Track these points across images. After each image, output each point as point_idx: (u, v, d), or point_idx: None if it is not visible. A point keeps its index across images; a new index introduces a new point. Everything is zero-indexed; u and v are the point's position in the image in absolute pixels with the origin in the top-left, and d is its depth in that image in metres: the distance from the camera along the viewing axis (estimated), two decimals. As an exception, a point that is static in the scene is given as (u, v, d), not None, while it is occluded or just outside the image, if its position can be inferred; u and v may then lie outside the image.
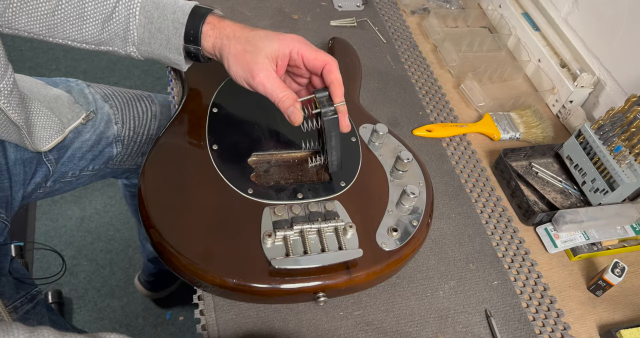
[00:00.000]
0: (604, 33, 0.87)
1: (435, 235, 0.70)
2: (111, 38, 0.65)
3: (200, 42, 0.64)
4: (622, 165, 0.72)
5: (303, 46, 0.62)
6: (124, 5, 0.63)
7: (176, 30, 0.63)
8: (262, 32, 0.63)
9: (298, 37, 0.63)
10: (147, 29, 0.64)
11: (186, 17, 0.63)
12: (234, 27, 0.63)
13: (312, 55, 0.62)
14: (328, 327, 0.59)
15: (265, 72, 0.60)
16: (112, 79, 1.93)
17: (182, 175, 0.61)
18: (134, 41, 0.65)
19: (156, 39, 0.64)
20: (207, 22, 0.63)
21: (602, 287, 0.67)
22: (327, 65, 0.62)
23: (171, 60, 0.66)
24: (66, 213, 1.60)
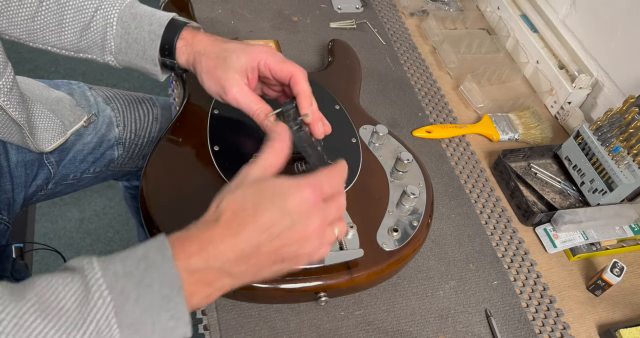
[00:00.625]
0: (602, 35, 0.87)
1: (436, 235, 0.70)
2: (89, 46, 0.66)
3: (174, 57, 0.65)
4: (620, 165, 0.72)
5: (270, 57, 0.61)
6: (101, 15, 0.64)
7: (152, 41, 0.64)
8: (230, 46, 0.62)
9: (266, 49, 0.62)
10: (124, 39, 0.65)
11: (162, 29, 0.63)
12: (204, 43, 0.63)
13: (278, 66, 0.61)
14: (329, 327, 0.59)
15: (237, 87, 0.60)
16: (111, 81, 1.94)
17: (183, 176, 0.62)
18: (111, 50, 0.66)
19: (133, 49, 0.65)
20: (181, 37, 0.64)
21: (601, 286, 0.67)
22: (293, 76, 0.60)
23: (147, 70, 0.67)
24: (65, 215, 1.60)
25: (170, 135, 0.66)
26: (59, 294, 0.37)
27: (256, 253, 0.42)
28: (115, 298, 0.37)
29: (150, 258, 0.39)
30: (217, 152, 0.65)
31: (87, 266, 0.38)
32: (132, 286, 0.38)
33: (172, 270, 0.39)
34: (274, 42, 0.87)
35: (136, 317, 0.38)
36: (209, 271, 0.41)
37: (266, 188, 0.43)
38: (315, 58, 0.91)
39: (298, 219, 0.43)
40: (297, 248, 0.44)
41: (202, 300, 0.42)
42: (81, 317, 0.36)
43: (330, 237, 0.46)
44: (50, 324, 0.35)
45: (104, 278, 0.38)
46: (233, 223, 0.42)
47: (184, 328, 0.39)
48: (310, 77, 0.78)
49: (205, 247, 0.41)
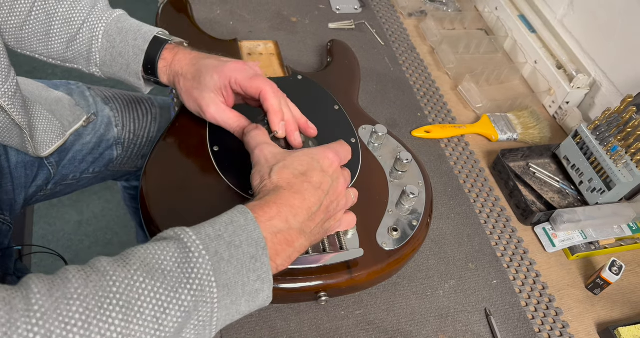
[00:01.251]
0: (600, 35, 0.88)
1: (435, 235, 0.71)
2: (75, 57, 0.67)
3: (157, 75, 0.66)
4: (618, 165, 0.73)
5: (239, 75, 0.61)
6: (88, 28, 0.65)
7: (136, 56, 0.65)
8: (203, 66, 0.63)
9: (238, 66, 0.62)
10: (108, 52, 0.66)
11: (147, 44, 0.64)
12: (182, 63, 0.64)
13: (247, 84, 0.61)
14: (329, 327, 0.59)
15: (213, 106, 0.62)
16: (109, 83, 1.92)
17: (183, 176, 0.62)
18: (96, 62, 0.67)
19: (117, 62, 0.66)
20: (162, 58, 0.65)
21: (600, 285, 0.67)
22: (262, 93, 0.60)
23: (131, 83, 0.68)
24: (64, 217, 1.60)
25: (169, 135, 0.66)
26: (160, 257, 0.39)
27: (319, 210, 0.48)
28: (212, 257, 0.40)
29: (236, 222, 0.43)
30: (216, 152, 0.65)
31: (180, 232, 0.41)
32: (225, 247, 0.41)
33: (257, 231, 0.43)
34: (272, 42, 0.87)
35: (229, 277, 0.41)
36: (290, 231, 0.45)
37: (301, 158, 0.50)
38: (314, 59, 0.92)
39: (334, 177, 0.50)
40: (337, 205, 0.51)
41: (284, 261, 0.46)
42: (184, 276, 0.39)
43: (350, 197, 0.53)
44: (158, 283, 0.38)
45: (199, 240, 0.41)
46: (296, 190, 0.47)
47: (267, 291, 0.43)
48: (310, 77, 0.79)
49: (283, 209, 0.45)
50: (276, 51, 0.85)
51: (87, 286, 0.36)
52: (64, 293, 0.35)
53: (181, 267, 0.39)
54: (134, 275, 0.38)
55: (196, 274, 0.39)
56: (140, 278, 0.38)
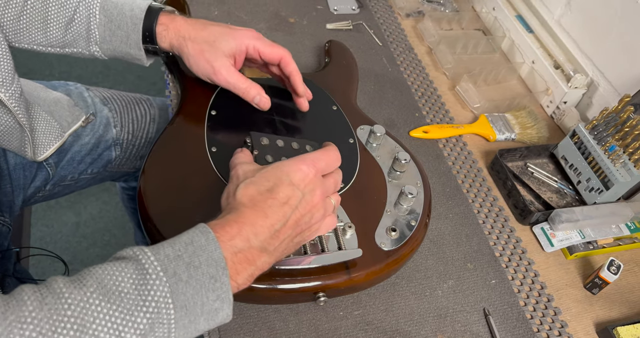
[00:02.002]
0: (597, 34, 0.88)
1: (433, 235, 0.71)
2: (75, 39, 0.68)
3: (156, 42, 0.68)
4: (616, 164, 0.73)
5: (258, 42, 0.67)
6: (84, 7, 0.66)
7: (134, 25, 0.66)
8: (216, 30, 0.67)
9: (252, 33, 0.68)
10: (107, 27, 0.67)
11: (143, 12, 0.66)
12: (187, 27, 0.67)
13: (267, 49, 0.67)
14: (328, 327, 0.59)
15: (225, 68, 0.66)
16: (106, 84, 1.93)
17: (181, 177, 0.62)
18: (96, 40, 0.68)
19: (116, 36, 0.67)
20: (159, 23, 0.67)
21: (598, 285, 0.67)
22: (284, 59, 0.68)
23: (132, 56, 0.69)
24: (61, 218, 1.59)
25: (167, 135, 0.66)
26: (117, 279, 0.39)
27: (284, 227, 0.47)
28: (169, 279, 0.40)
29: (196, 242, 0.43)
30: (214, 152, 0.65)
31: (139, 252, 0.41)
32: (184, 267, 0.41)
33: (218, 251, 0.43)
34: (270, 43, 0.87)
35: (187, 298, 0.41)
36: (251, 249, 0.45)
37: (270, 173, 0.48)
38: (312, 59, 0.92)
39: (305, 190, 0.48)
40: (309, 218, 0.49)
41: (246, 279, 0.45)
42: (141, 298, 0.39)
43: (330, 206, 0.52)
44: (114, 306, 0.38)
45: (157, 262, 0.41)
46: (258, 207, 0.46)
47: (227, 309, 0.43)
48: (308, 78, 0.79)
49: (244, 228, 0.45)
50: (274, 52, 0.85)
51: (41, 309, 0.36)
52: (18, 316, 0.35)
53: (138, 289, 0.39)
54: (89, 298, 0.37)
55: (152, 296, 0.39)
56: (96, 301, 0.37)
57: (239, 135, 0.68)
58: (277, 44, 0.68)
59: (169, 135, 0.66)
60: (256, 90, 0.67)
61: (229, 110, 0.70)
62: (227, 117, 0.70)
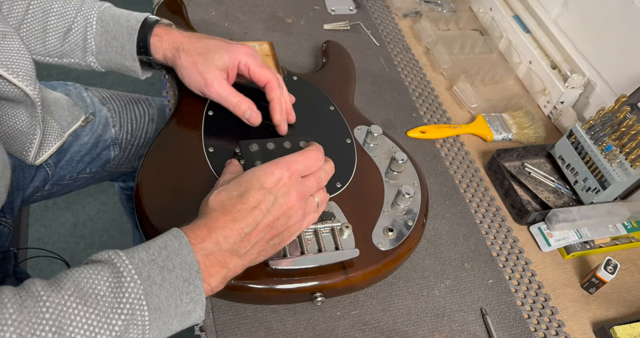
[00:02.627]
0: (594, 34, 0.88)
1: (431, 235, 0.71)
2: (72, 49, 0.69)
3: (150, 53, 0.68)
4: (613, 164, 0.73)
5: (250, 59, 0.66)
6: (82, 16, 0.67)
7: (130, 36, 0.67)
8: (211, 44, 0.67)
9: (247, 49, 0.67)
10: (103, 37, 0.68)
11: (139, 23, 0.67)
12: (182, 39, 0.67)
13: (257, 70, 0.66)
14: (325, 327, 0.59)
15: (217, 81, 0.66)
16: (104, 85, 1.93)
17: (178, 177, 0.62)
18: (92, 50, 0.69)
19: (112, 46, 0.68)
20: (154, 34, 0.67)
21: (595, 284, 0.68)
22: (269, 83, 0.66)
23: (128, 67, 0.70)
24: (59, 219, 1.59)
25: (164, 136, 0.66)
26: (93, 282, 0.40)
27: (255, 230, 0.47)
28: (144, 282, 0.41)
29: (169, 246, 0.44)
30: (211, 153, 0.65)
31: (114, 256, 0.42)
32: (157, 271, 0.42)
33: (191, 255, 0.44)
34: (267, 43, 0.87)
35: (161, 300, 0.42)
36: (221, 252, 0.46)
37: (243, 179, 0.49)
38: (309, 59, 0.92)
39: (278, 194, 0.48)
40: (286, 220, 0.50)
41: (219, 282, 0.46)
42: (116, 301, 0.40)
43: (312, 205, 0.52)
44: (90, 309, 0.39)
45: (132, 265, 0.42)
46: (227, 212, 0.47)
47: (200, 311, 0.44)
48: (305, 78, 0.79)
49: (214, 231, 0.46)
50: (271, 52, 0.85)
51: (21, 312, 0.37)
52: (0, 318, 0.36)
53: (114, 292, 0.40)
54: (67, 301, 0.39)
55: (127, 298, 0.40)
56: (73, 304, 0.39)
57: (235, 136, 0.68)
58: (268, 68, 0.67)
59: (166, 136, 0.66)
60: (247, 104, 0.66)
61: (226, 111, 0.70)
62: (224, 117, 0.70)
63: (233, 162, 0.58)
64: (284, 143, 0.60)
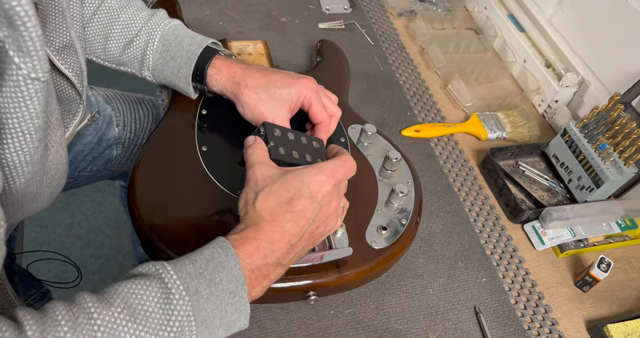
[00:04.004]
0: (588, 33, 0.88)
1: (425, 233, 0.71)
2: (130, 60, 0.69)
3: (205, 82, 0.66)
4: (606, 162, 0.73)
5: (315, 96, 0.64)
6: (145, 32, 0.67)
7: (189, 59, 0.66)
8: (276, 79, 0.64)
9: (313, 85, 0.65)
10: (162, 56, 0.67)
11: (200, 49, 0.65)
12: (244, 75, 0.64)
13: (317, 108, 0.64)
14: (319, 326, 0.59)
15: (279, 120, 0.63)
16: (101, 84, 1.93)
17: (172, 175, 0.62)
18: (149, 66, 0.68)
19: (169, 66, 0.67)
20: (213, 65, 0.65)
21: (588, 282, 0.68)
22: (322, 124, 0.65)
23: (181, 88, 0.69)
24: (55, 219, 1.59)
25: (158, 135, 0.66)
26: (142, 298, 0.40)
27: (300, 240, 0.48)
28: (191, 297, 0.41)
29: (216, 259, 0.44)
30: (205, 152, 0.65)
31: (162, 270, 0.42)
32: (205, 285, 0.42)
33: (237, 267, 0.44)
34: (262, 42, 0.87)
35: (208, 312, 0.42)
36: (267, 266, 0.46)
37: (290, 183, 0.48)
38: (303, 58, 0.92)
39: (322, 202, 0.49)
40: (324, 228, 0.50)
41: (260, 291, 0.47)
42: (165, 318, 0.40)
43: (341, 212, 0.53)
44: (140, 326, 0.39)
45: (180, 280, 0.42)
46: (276, 220, 0.46)
47: (244, 320, 0.45)
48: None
49: (262, 245, 0.45)
50: (266, 51, 0.85)
51: (75, 330, 0.37)
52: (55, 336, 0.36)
53: (163, 309, 0.40)
54: (117, 318, 0.39)
55: (176, 316, 0.40)
56: (123, 322, 0.39)
57: (229, 135, 0.68)
58: (329, 106, 0.66)
59: (160, 135, 0.66)
60: None
61: (220, 110, 0.70)
62: (218, 116, 0.69)
63: (258, 142, 0.55)
64: (301, 138, 0.60)
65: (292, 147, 0.58)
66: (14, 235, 0.73)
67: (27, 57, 0.40)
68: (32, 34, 0.39)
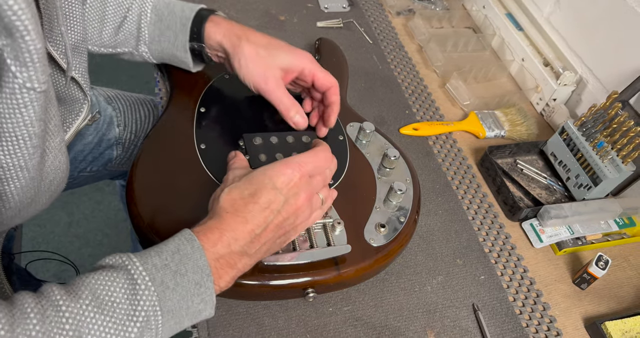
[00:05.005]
0: (586, 32, 0.88)
1: (423, 231, 0.71)
2: (126, 38, 0.69)
3: (203, 40, 0.66)
4: (604, 160, 0.73)
5: (315, 66, 0.66)
6: (137, 6, 0.67)
7: (183, 26, 0.66)
8: (276, 43, 0.66)
9: (309, 56, 0.66)
10: (157, 26, 0.67)
11: (193, 13, 0.66)
12: (243, 29, 0.66)
13: (322, 75, 0.65)
14: (317, 323, 0.59)
15: (275, 79, 0.64)
16: (99, 84, 1.93)
17: (171, 173, 0.62)
18: (145, 40, 0.68)
19: (165, 36, 0.68)
20: (210, 20, 0.66)
21: (586, 280, 0.68)
22: (333, 88, 0.66)
23: (179, 58, 0.69)
24: (53, 218, 1.59)
25: (156, 133, 0.66)
26: (109, 290, 0.41)
27: (265, 231, 0.48)
28: (157, 287, 0.42)
29: (182, 250, 0.44)
30: (203, 149, 0.65)
31: (128, 262, 0.43)
32: (170, 276, 0.43)
33: (203, 259, 0.44)
34: (260, 41, 0.87)
35: (174, 303, 0.43)
36: (232, 254, 0.46)
37: (254, 178, 0.49)
38: (302, 57, 0.91)
39: (288, 194, 0.49)
40: (294, 219, 0.50)
41: (228, 282, 0.47)
42: (132, 309, 0.41)
43: (317, 203, 0.53)
44: (107, 318, 0.40)
45: (146, 272, 0.42)
46: (238, 212, 0.47)
47: (210, 309, 0.45)
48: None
49: (225, 234, 0.46)
50: (264, 49, 0.85)
51: (44, 322, 0.38)
52: (24, 329, 0.37)
53: (129, 299, 0.41)
54: (85, 310, 0.39)
55: (142, 306, 0.41)
56: (90, 314, 0.39)
57: (227, 133, 0.68)
58: (329, 72, 0.66)
59: (158, 133, 0.66)
60: (296, 108, 0.65)
61: (218, 108, 0.70)
62: (216, 114, 0.70)
63: (238, 155, 0.57)
64: (287, 137, 0.61)
65: (275, 151, 0.60)
66: (12, 235, 0.73)
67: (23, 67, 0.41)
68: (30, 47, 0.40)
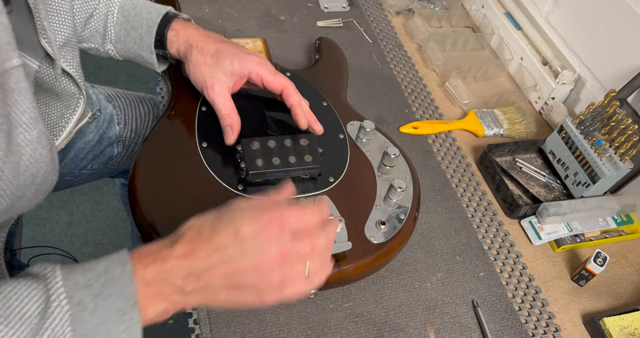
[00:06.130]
0: (584, 31, 0.89)
1: (423, 228, 0.71)
2: (92, 34, 0.69)
3: (166, 47, 0.68)
4: (602, 158, 0.74)
5: (262, 69, 0.66)
6: (105, 4, 0.68)
7: (149, 28, 0.67)
8: (224, 48, 0.66)
9: (258, 59, 0.66)
10: (123, 27, 0.68)
11: (160, 17, 0.67)
12: (197, 37, 0.67)
13: (270, 78, 0.66)
14: (318, 319, 0.60)
15: (218, 86, 0.65)
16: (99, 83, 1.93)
17: (172, 172, 0.62)
18: (111, 39, 0.69)
19: (131, 36, 0.68)
20: (172, 28, 0.67)
21: (585, 276, 0.68)
22: (285, 90, 0.66)
23: (144, 58, 0.70)
24: (53, 218, 1.59)
25: (158, 132, 0.66)
26: (23, 300, 0.38)
27: (206, 274, 0.42)
28: (73, 307, 0.38)
29: (110, 273, 0.40)
30: (205, 148, 0.65)
31: (50, 274, 0.39)
32: (90, 297, 0.39)
33: (131, 286, 0.40)
34: (261, 40, 0.87)
35: (92, 327, 0.39)
36: (162, 284, 0.42)
37: (225, 213, 0.44)
38: (302, 56, 0.92)
39: (250, 248, 0.42)
40: (254, 279, 0.43)
41: (158, 314, 0.42)
42: (39, 325, 0.37)
43: (297, 272, 0.44)
44: (12, 331, 0.36)
45: (64, 288, 0.39)
46: (188, 244, 0.43)
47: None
48: (298, 74, 0.79)
49: (158, 262, 0.42)
50: (265, 49, 0.86)
51: None
52: None
53: (40, 314, 0.38)
54: None
55: (49, 324, 0.38)
56: None
57: (229, 131, 0.68)
58: (281, 74, 0.67)
59: (160, 131, 0.67)
60: (231, 121, 0.64)
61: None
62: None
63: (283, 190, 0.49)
64: (285, 141, 0.61)
65: (273, 154, 0.61)
66: (14, 231, 0.73)
67: None
68: None
